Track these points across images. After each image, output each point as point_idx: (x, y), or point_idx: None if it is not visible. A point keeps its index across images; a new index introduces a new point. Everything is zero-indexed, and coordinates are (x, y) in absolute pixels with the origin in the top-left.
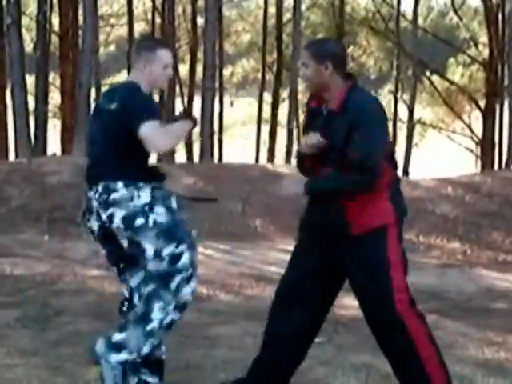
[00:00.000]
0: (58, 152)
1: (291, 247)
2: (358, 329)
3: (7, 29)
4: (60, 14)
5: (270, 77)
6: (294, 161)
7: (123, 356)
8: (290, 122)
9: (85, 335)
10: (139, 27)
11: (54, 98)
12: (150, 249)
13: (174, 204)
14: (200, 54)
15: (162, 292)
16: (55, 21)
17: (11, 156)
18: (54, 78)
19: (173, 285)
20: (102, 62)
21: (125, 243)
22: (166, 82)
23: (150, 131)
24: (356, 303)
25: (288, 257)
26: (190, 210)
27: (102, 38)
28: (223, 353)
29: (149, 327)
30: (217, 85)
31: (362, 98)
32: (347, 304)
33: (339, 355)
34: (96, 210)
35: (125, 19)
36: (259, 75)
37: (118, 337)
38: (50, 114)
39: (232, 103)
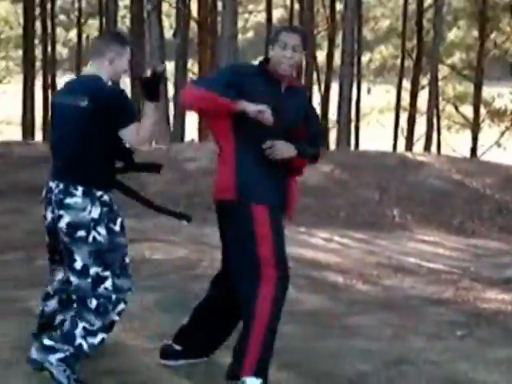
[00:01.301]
0: (196, 139)
1: (430, 238)
2: (501, 322)
3: (147, 16)
4: (199, 0)
5: (408, 63)
6: (433, 149)
7: (60, 355)
8: (429, 109)
9: None
10: (277, 13)
11: None
12: (79, 262)
13: (117, 227)
14: (338, 41)
15: (83, 312)
16: (193, 7)
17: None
18: (192, 65)
19: (92, 305)
20: (240, 49)
21: (62, 243)
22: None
23: (132, 136)
24: (499, 297)
25: (427, 248)
26: (322, 197)
27: (240, 24)
28: (361, 343)
29: (76, 343)
30: (354, 71)
31: None
32: (489, 297)
33: (480, 349)
34: (52, 204)
35: (263, 5)
36: (398, 62)
37: (48, 342)
38: None
39: (369, 90)
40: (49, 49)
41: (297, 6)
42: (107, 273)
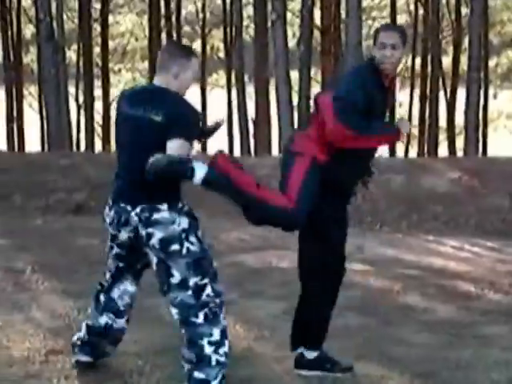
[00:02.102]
0: None
1: None
2: None
3: (271, 25)
4: (322, 8)
5: None
6: None
7: (215, 382)
8: None
9: (353, 329)
10: (401, 19)
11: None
12: (177, 276)
13: (200, 232)
14: (464, 45)
15: (197, 330)
16: (316, 15)
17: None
18: (315, 73)
19: (200, 319)
20: (365, 56)
21: (154, 261)
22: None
23: (174, 149)
24: None
25: None
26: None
27: (364, 31)
28: (494, 353)
29: (213, 363)
30: (481, 76)
31: None
32: None
33: None
34: (134, 225)
35: (387, 11)
36: None
37: (200, 375)
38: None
39: (495, 95)
40: None
41: (421, 11)
42: (206, 280)
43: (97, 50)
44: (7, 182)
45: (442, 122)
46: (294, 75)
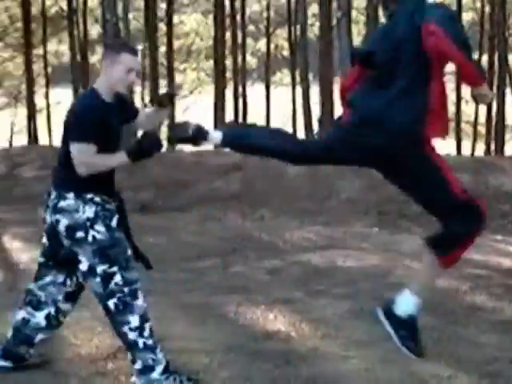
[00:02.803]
0: None
1: None
2: None
3: (337, 23)
4: None
5: None
6: None
7: (159, 367)
8: None
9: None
10: (467, 16)
11: None
12: (85, 263)
13: (114, 222)
14: None
15: (114, 317)
16: (381, 13)
17: None
18: None
19: (112, 307)
20: None
21: (66, 247)
22: (126, 88)
23: (75, 154)
24: None
25: None
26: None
27: None
28: None
29: (140, 346)
30: None
31: None
32: None
33: None
34: (48, 210)
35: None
36: None
37: (138, 365)
38: None
39: None
40: (239, 59)
41: (487, 8)
42: (114, 269)
43: (162, 49)
44: None
45: (509, 120)
46: None
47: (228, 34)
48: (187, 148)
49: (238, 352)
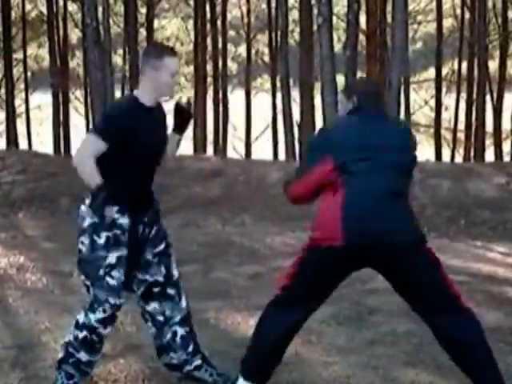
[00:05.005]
0: None
1: None
2: None
3: (317, 29)
4: (367, 12)
5: None
6: None
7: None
8: None
9: (400, 335)
10: (447, 23)
11: None
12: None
13: (102, 240)
14: (511, 49)
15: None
16: (361, 20)
17: None
18: None
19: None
20: (410, 60)
21: None
22: (172, 92)
23: (82, 141)
24: None
25: None
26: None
27: (409, 35)
28: None
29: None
30: None
31: None
32: None
33: None
34: None
35: (432, 15)
36: None
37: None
38: None
39: None
40: (219, 64)
41: (468, 15)
42: (88, 282)
43: None
44: (54, 185)
45: (489, 126)
46: (340, 79)
47: (208, 40)
48: None
49: (218, 357)
